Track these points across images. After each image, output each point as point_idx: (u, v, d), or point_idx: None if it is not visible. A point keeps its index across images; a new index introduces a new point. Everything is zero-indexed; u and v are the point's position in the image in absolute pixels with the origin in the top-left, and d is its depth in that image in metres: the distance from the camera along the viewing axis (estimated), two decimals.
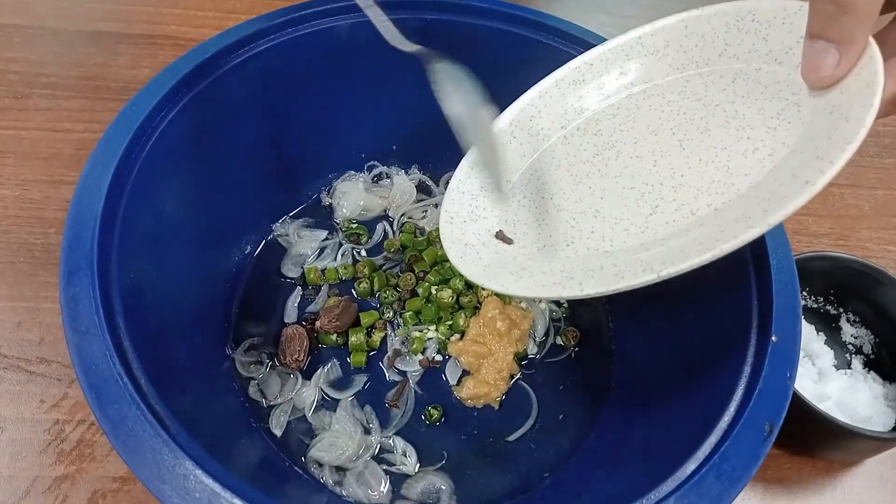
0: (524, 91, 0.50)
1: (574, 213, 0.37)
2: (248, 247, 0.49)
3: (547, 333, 0.48)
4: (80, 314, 0.31)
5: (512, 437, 0.43)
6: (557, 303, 0.49)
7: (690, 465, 0.31)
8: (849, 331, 0.49)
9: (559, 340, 0.47)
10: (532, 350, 0.47)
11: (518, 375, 0.46)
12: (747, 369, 0.35)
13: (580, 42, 0.46)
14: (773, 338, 0.35)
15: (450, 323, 0.47)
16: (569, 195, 0.38)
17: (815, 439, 0.43)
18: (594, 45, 0.46)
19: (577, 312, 0.49)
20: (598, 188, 0.37)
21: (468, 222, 0.38)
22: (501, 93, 0.50)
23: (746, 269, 0.38)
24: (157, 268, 0.38)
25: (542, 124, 0.41)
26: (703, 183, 0.33)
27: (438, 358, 0.46)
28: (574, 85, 0.41)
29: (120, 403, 0.29)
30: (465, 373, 0.45)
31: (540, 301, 0.49)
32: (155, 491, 0.27)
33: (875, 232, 0.58)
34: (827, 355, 0.47)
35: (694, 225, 0.32)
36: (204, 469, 0.28)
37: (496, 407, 0.44)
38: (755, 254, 0.38)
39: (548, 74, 0.48)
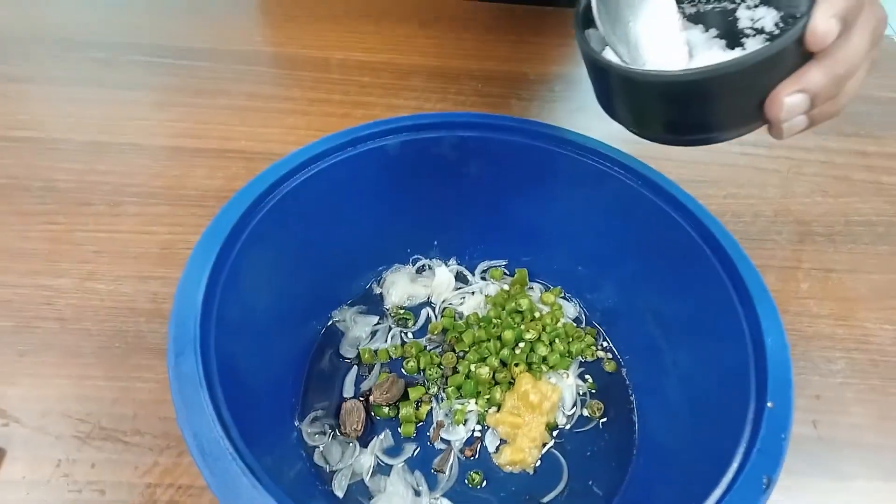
0: (548, 194, 0.57)
1: None
2: (312, 331, 0.55)
3: (575, 406, 0.53)
4: (187, 388, 0.37)
5: (545, 500, 0.48)
6: (583, 378, 0.55)
7: None
8: (746, 15, 0.42)
9: (586, 412, 0.53)
10: (561, 421, 0.52)
11: (550, 444, 0.51)
12: (747, 432, 0.39)
13: (596, 153, 0.52)
14: (769, 404, 0.40)
15: (488, 397, 0.52)
16: None
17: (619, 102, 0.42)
18: (609, 155, 0.54)
19: (601, 387, 0.54)
20: None
21: None
22: (528, 195, 0.58)
23: (746, 350, 0.43)
24: (242, 350, 0.43)
25: None
26: None
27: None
28: None
29: (222, 461, 0.34)
30: (503, 441, 0.51)
31: (567, 377, 0.54)
32: None
33: (873, 312, 0.62)
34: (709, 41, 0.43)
35: None
36: None
37: (531, 472, 0.49)
38: (753, 337, 0.44)
39: (568, 183, 0.55)
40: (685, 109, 0.39)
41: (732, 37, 0.42)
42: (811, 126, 0.40)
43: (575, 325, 0.58)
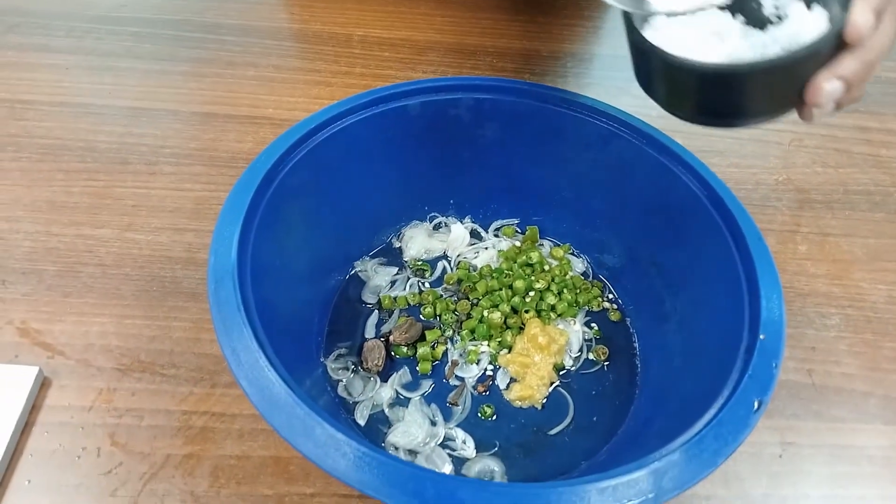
0: (559, 155, 0.61)
1: None
2: (336, 279, 0.59)
3: (581, 350, 0.56)
4: (226, 310, 0.40)
5: (552, 432, 0.51)
6: (589, 326, 0.58)
7: (695, 429, 0.40)
8: (770, 2, 0.44)
9: (591, 356, 0.56)
10: (568, 363, 0.55)
11: (557, 383, 0.54)
12: (739, 362, 0.42)
13: (603, 115, 0.55)
14: (761, 336, 0.43)
15: (499, 339, 0.55)
16: None
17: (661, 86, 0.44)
18: (617, 117, 0.57)
19: (606, 334, 0.58)
20: None
21: None
22: (540, 157, 0.61)
23: (741, 291, 0.46)
24: (272, 291, 0.46)
25: None
26: None
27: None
28: None
29: (258, 372, 0.37)
30: (513, 379, 0.54)
31: (574, 324, 0.58)
32: (287, 436, 0.35)
33: (868, 273, 0.65)
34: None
35: None
36: (325, 420, 0.35)
37: (539, 408, 0.52)
38: (748, 278, 0.47)
39: (578, 144, 0.58)
40: (725, 96, 0.42)
41: (758, 22, 0.44)
42: (838, 110, 0.43)
43: (582, 278, 0.61)
